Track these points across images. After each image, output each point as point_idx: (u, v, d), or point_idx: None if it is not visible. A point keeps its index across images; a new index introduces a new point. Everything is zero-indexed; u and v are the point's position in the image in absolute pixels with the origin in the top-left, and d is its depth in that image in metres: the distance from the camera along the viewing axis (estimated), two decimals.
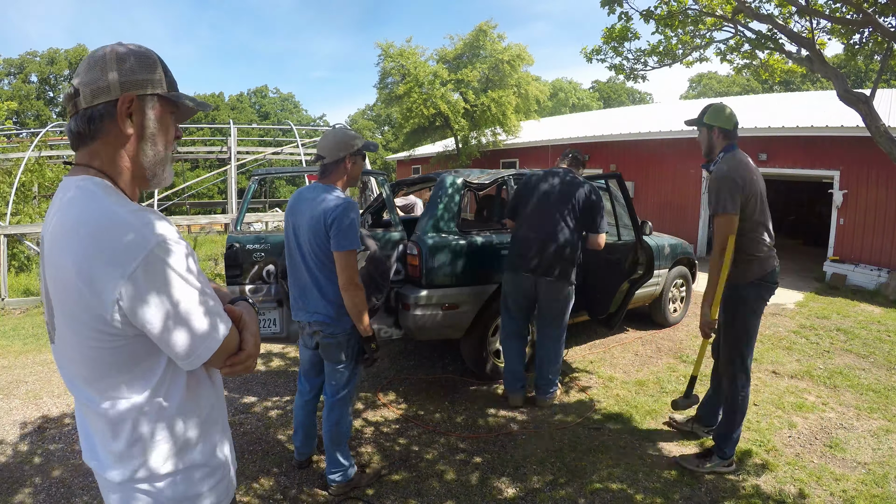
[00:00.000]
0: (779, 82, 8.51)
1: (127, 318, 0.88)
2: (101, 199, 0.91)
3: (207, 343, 0.94)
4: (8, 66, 34.64)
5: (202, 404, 1.05)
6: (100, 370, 0.94)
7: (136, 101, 0.96)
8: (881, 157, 6.98)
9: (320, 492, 2.66)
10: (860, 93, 3.40)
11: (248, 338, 1.04)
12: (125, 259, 0.85)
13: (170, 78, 1.02)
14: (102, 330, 0.89)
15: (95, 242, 0.86)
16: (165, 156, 1.04)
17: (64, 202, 0.93)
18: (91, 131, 0.95)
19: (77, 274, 0.86)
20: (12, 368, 4.40)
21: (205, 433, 1.06)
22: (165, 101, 1.01)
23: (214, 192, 26.54)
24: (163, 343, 0.92)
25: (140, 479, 0.99)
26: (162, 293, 0.88)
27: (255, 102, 47.06)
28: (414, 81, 14.83)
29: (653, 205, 11.11)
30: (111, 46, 0.97)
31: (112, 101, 0.94)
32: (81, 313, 0.89)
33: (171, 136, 1.04)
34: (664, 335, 5.29)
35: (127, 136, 0.97)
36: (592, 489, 2.67)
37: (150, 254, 0.86)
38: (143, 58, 0.97)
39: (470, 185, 4.07)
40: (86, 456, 1.06)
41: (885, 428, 3.30)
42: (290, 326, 3.59)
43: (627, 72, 5.17)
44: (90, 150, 0.97)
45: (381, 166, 33.00)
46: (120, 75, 0.94)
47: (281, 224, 13.72)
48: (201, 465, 1.05)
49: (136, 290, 0.86)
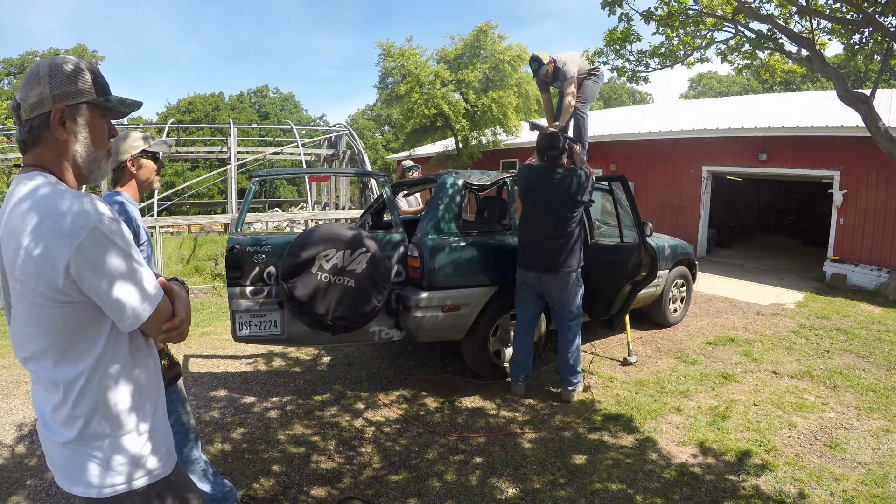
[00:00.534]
0: (779, 82, 8.50)
1: (75, 283, 1.01)
2: (49, 188, 1.05)
3: (145, 304, 1.08)
4: (8, 66, 34.63)
5: (141, 370, 1.18)
6: (51, 337, 1.06)
7: (67, 111, 1.09)
8: (881, 157, 6.98)
9: (320, 492, 2.66)
10: (860, 93, 3.40)
11: (180, 306, 1.18)
12: (73, 233, 0.99)
13: (99, 84, 1.14)
14: (54, 298, 1.02)
15: (49, 222, 1.00)
16: (98, 154, 1.17)
17: (18, 196, 1.06)
18: (32, 139, 1.10)
19: (34, 249, 0.99)
20: (12, 368, 4.41)
21: (144, 398, 1.18)
22: (95, 106, 1.13)
23: (214, 192, 26.53)
24: (106, 305, 1.05)
25: (84, 439, 1.10)
26: (105, 261, 1.02)
27: (255, 102, 47.06)
28: (415, 81, 14.82)
29: (653, 205, 11.11)
30: (45, 63, 1.10)
31: (46, 112, 1.08)
32: (37, 284, 1.01)
33: (104, 136, 1.17)
34: (664, 335, 5.29)
35: (62, 141, 1.10)
36: (592, 489, 2.67)
37: (94, 228, 1.01)
38: (71, 71, 1.10)
39: (470, 186, 4.07)
40: (39, 428, 1.17)
41: (885, 428, 3.30)
42: (291, 328, 3.59)
43: (630, 74, 5.17)
44: (34, 153, 1.11)
45: (382, 167, 32.99)
46: (51, 89, 1.08)
47: (281, 224, 13.73)
48: (143, 430, 1.17)
49: (83, 258, 1.00)
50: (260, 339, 3.60)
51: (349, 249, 3.41)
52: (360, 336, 3.69)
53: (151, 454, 1.18)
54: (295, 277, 3.35)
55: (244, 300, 3.53)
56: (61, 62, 1.11)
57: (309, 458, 2.98)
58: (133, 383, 1.15)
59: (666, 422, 3.42)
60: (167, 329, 1.15)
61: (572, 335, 3.72)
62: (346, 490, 2.68)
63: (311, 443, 3.16)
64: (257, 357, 4.70)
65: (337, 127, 14.86)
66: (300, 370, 4.42)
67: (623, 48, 4.97)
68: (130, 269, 1.06)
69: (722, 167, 10.27)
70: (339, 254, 3.39)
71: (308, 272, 3.36)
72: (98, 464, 1.12)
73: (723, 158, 10.10)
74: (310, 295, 3.35)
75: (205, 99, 42.00)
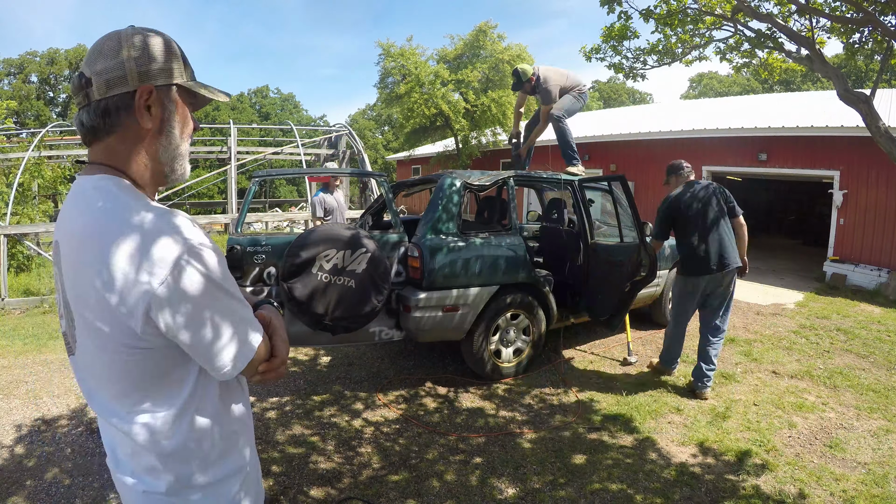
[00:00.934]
0: (778, 82, 8.49)
1: (158, 328, 0.83)
2: (123, 201, 0.85)
3: (243, 352, 0.90)
4: (8, 66, 34.62)
5: (234, 414, 1.01)
6: (127, 385, 0.89)
7: (155, 93, 0.89)
8: (881, 157, 6.98)
9: (320, 492, 2.66)
10: (860, 92, 3.39)
11: (280, 343, 0.99)
12: (155, 267, 0.80)
13: (189, 67, 0.95)
14: (130, 344, 0.84)
15: (122, 250, 0.80)
16: (184, 150, 0.97)
17: (83, 205, 0.87)
18: (106, 125, 0.88)
19: (103, 284, 0.80)
20: (12, 368, 4.40)
21: (236, 441, 1.02)
22: (185, 91, 0.94)
23: (214, 192, 26.52)
24: (196, 354, 0.88)
25: (172, 492, 0.94)
26: (194, 302, 0.83)
27: (255, 102, 47.04)
28: (415, 81, 14.83)
29: (653, 205, 11.08)
30: (125, 31, 0.88)
31: (129, 92, 0.87)
32: (107, 325, 0.83)
33: (189, 130, 0.97)
34: (664, 335, 5.28)
35: (145, 130, 0.90)
36: (592, 489, 2.66)
37: (180, 260, 0.81)
38: (161, 45, 0.89)
39: (470, 186, 4.07)
40: (110, 465, 1.01)
41: (885, 428, 3.30)
42: (291, 328, 3.58)
43: (627, 71, 5.16)
44: (105, 145, 0.90)
45: (382, 167, 32.99)
46: (137, 64, 0.86)
47: (280, 224, 13.72)
48: (234, 474, 1.01)
49: (167, 299, 0.81)
50: None
51: (349, 250, 3.41)
52: (360, 336, 3.68)
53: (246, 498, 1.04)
54: (295, 278, 3.34)
55: None
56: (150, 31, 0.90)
57: (308, 459, 2.97)
58: (224, 429, 0.98)
59: (666, 422, 3.41)
60: (264, 371, 0.96)
61: (719, 342, 3.86)
62: (345, 490, 2.68)
63: (311, 443, 3.16)
64: None
65: (337, 127, 14.86)
66: (300, 370, 4.41)
67: (620, 44, 4.97)
68: (225, 311, 0.87)
69: (722, 167, 10.27)
70: (338, 254, 3.39)
71: (308, 272, 3.35)
72: None
73: (723, 158, 10.09)
74: (310, 295, 3.35)
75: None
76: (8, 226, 7.85)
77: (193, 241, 0.84)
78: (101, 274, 0.81)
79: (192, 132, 0.98)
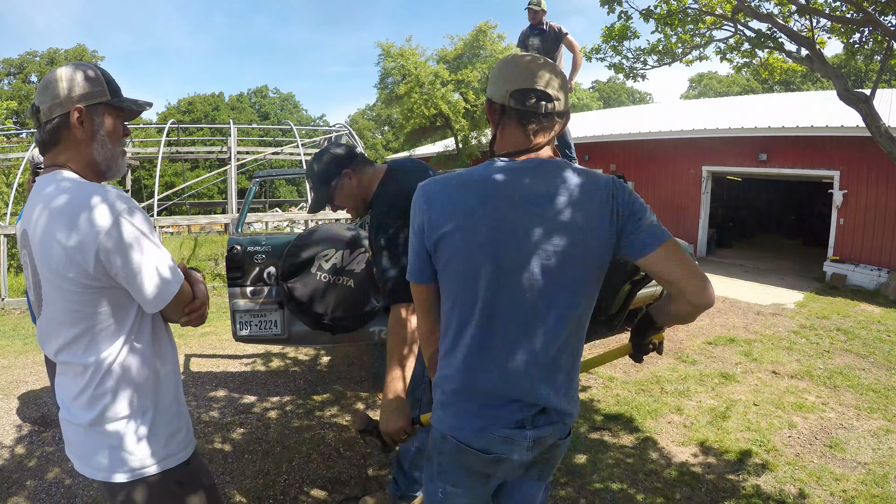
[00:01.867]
0: (778, 82, 8.50)
1: (104, 268, 1.09)
2: (76, 184, 1.14)
3: (170, 286, 1.16)
4: (8, 66, 34.61)
5: (162, 355, 1.24)
6: (82, 323, 1.13)
7: (85, 111, 1.16)
8: (881, 157, 6.97)
9: (320, 492, 2.66)
10: (860, 92, 3.39)
11: (199, 286, 1.27)
12: (101, 221, 1.07)
13: (112, 86, 1.21)
14: (86, 284, 1.10)
15: (78, 213, 1.07)
16: (115, 151, 1.24)
17: (45, 195, 1.13)
18: (52, 139, 1.17)
19: (68, 240, 1.07)
20: (12, 368, 4.40)
21: (164, 382, 1.24)
22: (110, 106, 1.21)
23: (214, 192, 26.53)
24: (132, 287, 1.13)
25: (103, 420, 1.16)
26: (130, 246, 1.10)
27: (255, 102, 47.05)
28: (415, 82, 14.84)
29: (652, 205, 10.95)
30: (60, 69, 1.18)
31: (65, 113, 1.15)
32: (68, 272, 1.09)
33: (119, 135, 1.24)
34: (664, 335, 5.28)
35: (81, 140, 1.17)
36: (592, 489, 2.66)
37: (119, 216, 1.09)
38: (84, 75, 1.17)
39: None
40: (61, 415, 1.23)
41: (885, 428, 3.30)
42: (291, 328, 3.59)
43: (627, 71, 5.16)
44: (55, 153, 1.19)
45: None
46: (69, 91, 1.15)
47: (281, 224, 13.73)
48: (163, 411, 1.23)
49: (110, 244, 1.08)
50: (260, 339, 3.61)
51: (348, 249, 3.41)
52: (360, 336, 3.68)
53: (169, 439, 1.23)
54: (294, 278, 3.35)
55: (244, 300, 3.53)
56: (77, 66, 1.19)
57: (309, 459, 2.97)
58: (153, 368, 1.21)
59: (666, 422, 3.41)
60: (189, 311, 1.22)
61: None
62: (346, 490, 2.68)
63: (311, 443, 3.16)
64: (257, 357, 4.70)
65: (337, 127, 14.86)
66: (300, 370, 4.41)
67: (620, 44, 4.96)
68: (154, 254, 1.13)
69: (722, 167, 10.28)
70: (338, 254, 3.39)
71: (308, 272, 3.36)
72: (116, 447, 1.17)
73: (723, 158, 10.10)
74: (309, 295, 3.35)
75: (204, 99, 42.00)
76: (8, 226, 7.85)
77: (127, 204, 1.12)
78: (66, 234, 1.08)
79: (124, 137, 1.26)
